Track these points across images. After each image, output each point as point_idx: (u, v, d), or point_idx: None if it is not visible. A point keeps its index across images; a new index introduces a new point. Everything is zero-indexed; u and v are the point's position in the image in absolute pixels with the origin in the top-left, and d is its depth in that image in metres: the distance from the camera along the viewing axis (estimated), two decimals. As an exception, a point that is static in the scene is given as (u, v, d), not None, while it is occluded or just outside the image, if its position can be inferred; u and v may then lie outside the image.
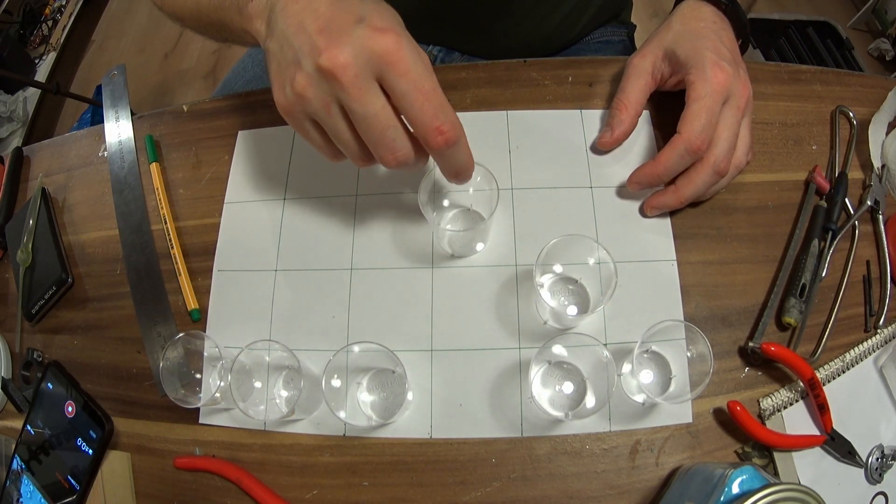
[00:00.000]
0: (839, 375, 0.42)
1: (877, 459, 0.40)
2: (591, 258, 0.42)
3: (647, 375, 0.42)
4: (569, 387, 0.41)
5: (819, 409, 0.40)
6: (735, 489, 0.33)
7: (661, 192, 0.45)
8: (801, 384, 0.41)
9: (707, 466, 0.37)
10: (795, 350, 0.42)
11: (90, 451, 0.43)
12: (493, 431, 0.42)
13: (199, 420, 0.45)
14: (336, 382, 0.40)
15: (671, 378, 0.41)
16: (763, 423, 0.40)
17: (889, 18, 1.52)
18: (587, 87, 0.52)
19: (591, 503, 0.40)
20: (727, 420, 0.41)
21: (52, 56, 1.80)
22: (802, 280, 0.43)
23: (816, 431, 0.41)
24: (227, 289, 0.48)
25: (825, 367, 0.42)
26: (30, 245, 0.53)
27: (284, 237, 0.48)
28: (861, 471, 0.40)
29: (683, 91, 0.43)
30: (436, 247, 0.47)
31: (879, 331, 0.43)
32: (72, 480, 0.43)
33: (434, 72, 0.36)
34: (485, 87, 0.52)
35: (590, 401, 0.41)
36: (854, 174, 0.48)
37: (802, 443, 0.40)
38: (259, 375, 0.44)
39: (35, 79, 1.71)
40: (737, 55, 0.44)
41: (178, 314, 0.48)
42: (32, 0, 1.94)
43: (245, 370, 0.43)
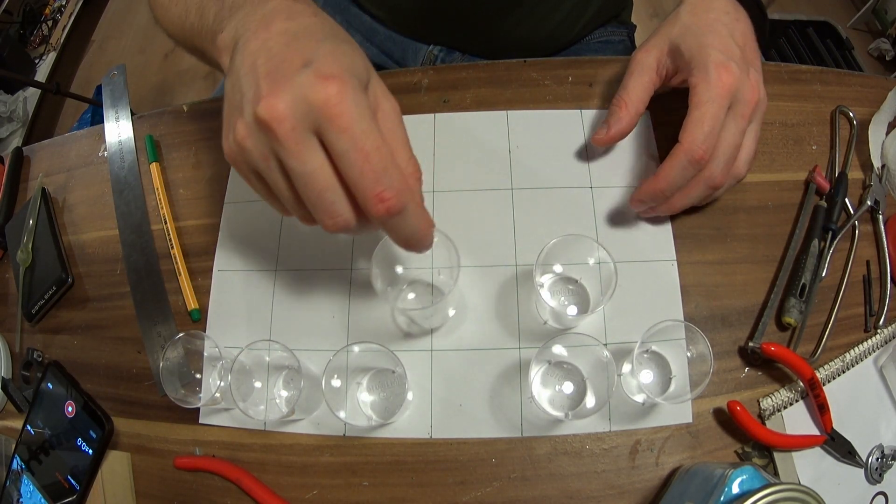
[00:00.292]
0: (839, 375, 0.42)
1: (877, 459, 0.40)
2: (591, 258, 0.42)
3: (647, 375, 0.42)
4: (569, 387, 0.41)
5: (819, 409, 0.40)
6: (735, 489, 0.33)
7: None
8: (801, 384, 0.41)
9: (707, 466, 0.37)
10: (795, 350, 0.42)
11: (90, 451, 0.43)
12: (493, 431, 0.42)
13: (199, 420, 0.45)
14: (336, 382, 0.40)
15: (671, 378, 0.41)
16: (763, 423, 0.40)
17: (889, 18, 1.52)
18: (587, 87, 0.52)
19: (591, 503, 0.40)
20: (727, 420, 0.41)
21: (52, 56, 1.80)
22: (802, 280, 0.43)
23: (816, 431, 0.41)
24: (227, 289, 0.48)
25: (825, 367, 0.42)
26: (30, 245, 0.53)
27: (284, 237, 0.48)
28: (861, 471, 0.40)
29: (688, 88, 0.41)
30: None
31: (879, 331, 0.43)
32: (72, 480, 0.43)
33: (399, 123, 0.33)
34: (485, 87, 0.52)
35: (590, 401, 0.41)
36: (854, 174, 0.48)
37: (802, 443, 0.40)
38: (259, 375, 0.44)
39: (35, 79, 1.71)
40: (749, 53, 0.40)
41: (178, 314, 0.48)
42: (32, 0, 1.94)
43: (245, 370, 0.43)
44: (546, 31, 0.65)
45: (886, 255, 0.45)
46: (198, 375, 0.45)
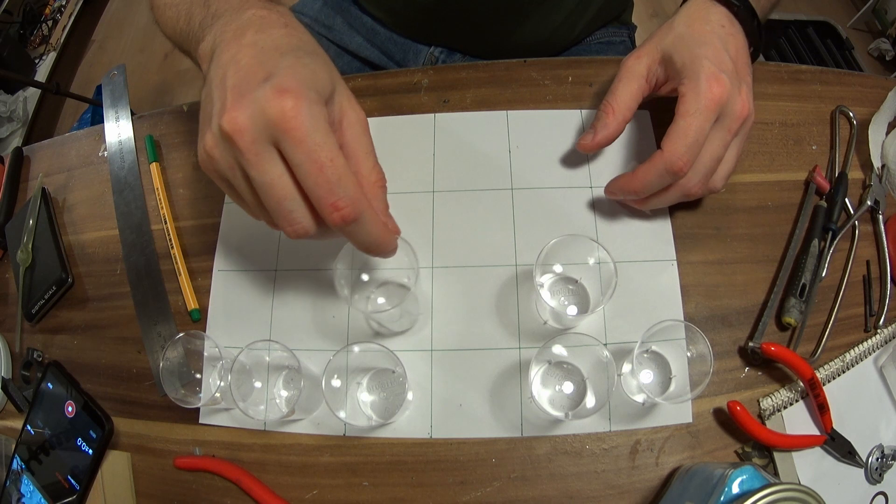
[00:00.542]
0: (839, 375, 0.42)
1: (877, 459, 0.40)
2: (591, 258, 0.42)
3: (647, 375, 0.42)
4: (569, 387, 0.41)
5: (819, 409, 0.40)
6: (735, 489, 0.33)
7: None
8: (801, 384, 0.41)
9: (707, 466, 0.37)
10: (795, 350, 0.42)
11: (90, 451, 0.43)
12: (493, 431, 0.42)
13: (199, 420, 0.45)
14: (336, 382, 0.40)
15: (671, 378, 0.41)
16: (763, 423, 0.40)
17: (889, 18, 1.52)
18: (587, 87, 0.52)
19: (591, 503, 0.40)
20: (727, 420, 0.41)
21: (52, 56, 1.80)
22: (802, 280, 0.43)
23: (816, 431, 0.41)
24: (227, 289, 0.48)
25: (825, 367, 0.42)
26: (30, 245, 0.53)
27: (284, 237, 0.48)
28: (861, 471, 0.40)
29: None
30: (435, 253, 0.47)
31: (879, 331, 0.43)
32: (72, 480, 0.43)
33: (364, 132, 0.35)
34: (485, 87, 0.52)
35: (590, 401, 0.41)
36: (854, 174, 0.48)
37: (802, 443, 0.40)
38: (259, 375, 0.44)
39: (35, 79, 1.71)
40: (742, 67, 0.40)
41: (178, 314, 0.48)
42: (32, 0, 1.94)
43: (245, 370, 0.43)
44: (547, 33, 0.65)
45: (886, 255, 0.45)
46: (198, 375, 0.45)
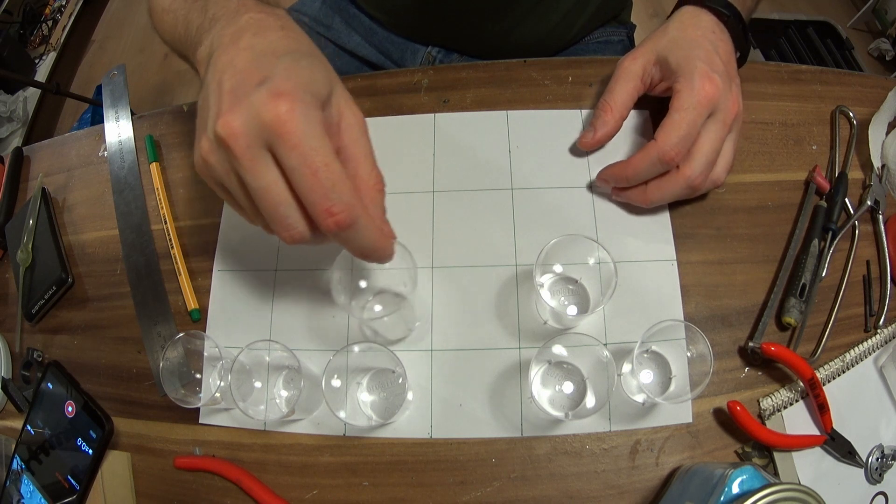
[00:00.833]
0: (839, 375, 0.42)
1: (877, 459, 0.40)
2: (591, 258, 0.42)
3: (647, 375, 0.42)
4: (569, 387, 0.41)
5: (819, 409, 0.40)
6: (735, 489, 0.33)
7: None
8: (801, 384, 0.41)
9: (707, 466, 0.37)
10: (795, 350, 0.42)
11: (90, 451, 0.43)
12: (493, 431, 0.42)
13: (199, 420, 0.45)
14: (336, 382, 0.40)
15: (671, 378, 0.41)
16: (763, 423, 0.40)
17: (889, 18, 1.52)
18: (587, 87, 0.52)
19: (591, 503, 0.40)
20: (727, 420, 0.41)
21: (52, 56, 1.80)
22: (802, 280, 0.43)
23: (816, 431, 0.41)
24: (227, 289, 0.48)
25: (825, 367, 0.42)
26: (30, 245, 0.53)
27: (284, 237, 0.48)
28: (861, 471, 0.40)
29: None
30: (435, 253, 0.47)
31: (879, 331, 0.43)
32: (72, 480, 0.43)
33: (362, 134, 0.34)
34: (485, 87, 0.52)
35: (590, 401, 0.40)
36: (854, 174, 0.48)
37: (802, 443, 0.40)
38: (259, 375, 0.44)
39: (35, 79, 1.71)
40: (731, 69, 0.43)
41: (178, 314, 0.48)
42: (32, 0, 1.94)
43: (245, 370, 0.43)
44: (544, 32, 0.65)
45: (886, 255, 0.45)
46: (198, 375, 0.45)
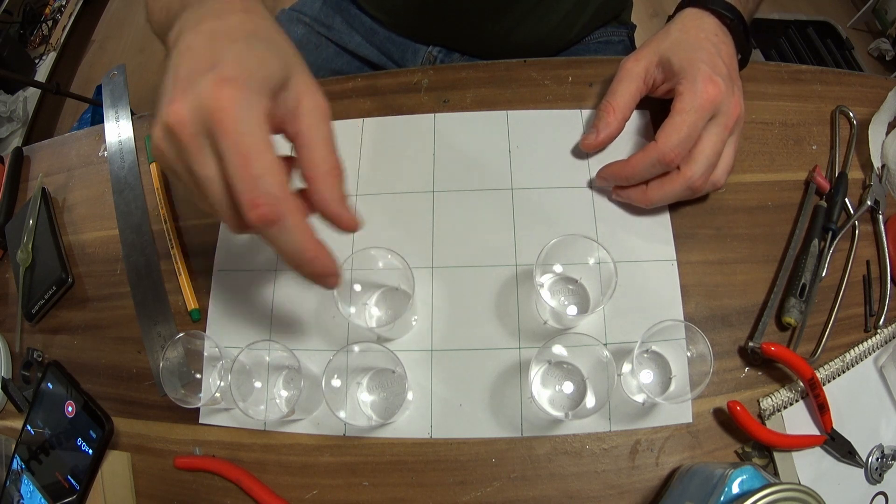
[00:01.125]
0: (839, 375, 0.42)
1: (877, 459, 0.40)
2: (591, 258, 0.42)
3: (647, 375, 0.42)
4: (569, 387, 0.41)
5: (819, 409, 0.40)
6: (735, 489, 0.33)
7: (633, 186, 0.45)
8: (801, 384, 0.41)
9: (707, 466, 0.37)
10: (795, 350, 0.42)
11: (90, 451, 0.43)
12: (493, 431, 0.42)
13: (199, 420, 0.45)
14: (336, 382, 0.40)
15: (671, 378, 0.41)
16: (763, 423, 0.40)
17: (889, 18, 1.52)
18: (587, 87, 0.52)
19: (591, 503, 0.40)
20: (727, 420, 0.41)
21: (52, 56, 1.80)
22: (802, 280, 0.43)
23: (816, 431, 0.41)
24: (227, 289, 0.48)
25: (825, 367, 0.42)
26: (30, 245, 0.53)
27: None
28: (861, 471, 0.40)
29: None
30: (435, 253, 0.47)
31: (879, 331, 0.43)
32: (72, 480, 0.43)
33: (320, 119, 0.32)
34: (485, 87, 0.52)
35: (590, 401, 0.41)
36: (854, 174, 0.48)
37: (802, 443, 0.40)
38: (259, 375, 0.44)
39: (35, 79, 1.71)
40: (734, 72, 0.43)
41: (178, 314, 0.48)
42: (32, 0, 1.94)
43: (245, 370, 0.43)
44: (545, 32, 0.65)
45: (886, 255, 0.45)
46: (198, 375, 0.45)
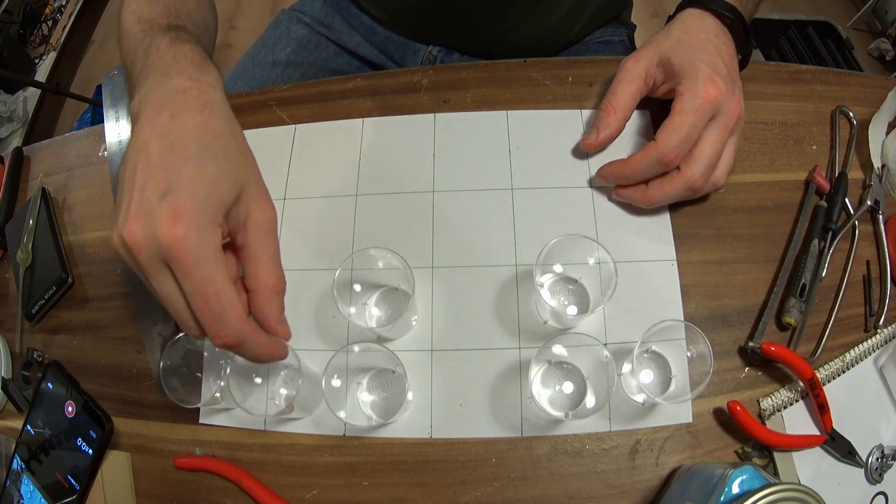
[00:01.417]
0: (839, 375, 0.42)
1: (877, 459, 0.40)
2: (591, 258, 0.42)
3: (647, 375, 0.42)
4: (569, 387, 0.41)
5: (819, 409, 0.40)
6: (735, 489, 0.33)
7: (633, 185, 0.45)
8: (801, 384, 0.41)
9: (707, 466, 0.37)
10: (795, 350, 0.42)
11: (90, 451, 0.43)
12: (493, 431, 0.42)
13: (199, 420, 0.45)
14: (336, 382, 0.40)
15: (671, 378, 0.41)
16: (763, 423, 0.40)
17: (889, 18, 1.52)
18: (587, 87, 0.52)
19: (591, 503, 0.40)
20: (727, 420, 0.41)
21: (52, 56, 1.80)
22: (802, 280, 0.43)
23: (816, 431, 0.41)
24: (227, 289, 0.48)
25: (825, 367, 0.42)
26: (30, 245, 0.53)
27: (284, 236, 0.48)
28: (861, 471, 0.40)
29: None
30: (435, 253, 0.47)
31: (879, 331, 0.43)
32: (72, 480, 0.43)
33: (268, 234, 0.35)
34: (485, 87, 0.52)
35: (590, 401, 0.41)
36: (854, 174, 0.48)
37: (802, 443, 0.40)
38: (259, 375, 0.44)
39: (35, 79, 1.71)
40: (734, 72, 0.43)
41: (178, 314, 0.48)
42: (32, 0, 1.94)
43: (245, 370, 0.43)
44: (545, 32, 0.65)
45: (886, 255, 0.45)
46: (198, 375, 0.45)
